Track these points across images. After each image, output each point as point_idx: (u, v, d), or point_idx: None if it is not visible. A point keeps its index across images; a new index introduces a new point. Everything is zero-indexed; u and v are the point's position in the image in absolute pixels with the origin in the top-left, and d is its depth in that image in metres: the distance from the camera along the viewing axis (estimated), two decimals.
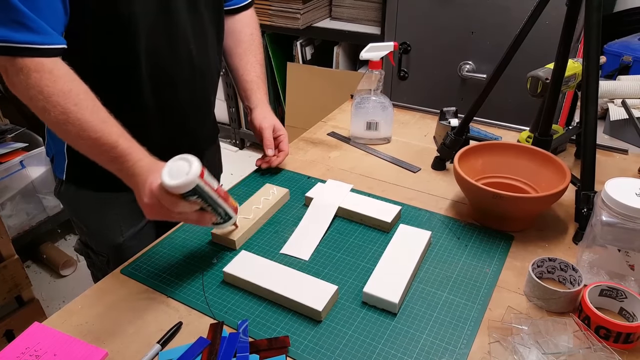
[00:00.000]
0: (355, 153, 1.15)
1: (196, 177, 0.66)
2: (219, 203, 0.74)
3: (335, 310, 0.72)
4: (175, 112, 0.96)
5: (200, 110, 1.03)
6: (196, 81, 0.96)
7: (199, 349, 0.65)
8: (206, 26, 0.94)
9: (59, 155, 0.94)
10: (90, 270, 1.12)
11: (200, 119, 1.04)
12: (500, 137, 1.18)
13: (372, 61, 1.11)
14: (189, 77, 0.94)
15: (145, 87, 0.88)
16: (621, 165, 1.06)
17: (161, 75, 0.89)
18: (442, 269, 0.79)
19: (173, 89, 0.92)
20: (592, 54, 0.78)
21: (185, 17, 0.88)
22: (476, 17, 1.70)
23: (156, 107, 0.91)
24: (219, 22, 0.99)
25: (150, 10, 0.81)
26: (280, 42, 2.39)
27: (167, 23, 0.85)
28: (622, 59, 1.52)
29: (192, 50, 0.91)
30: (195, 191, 0.68)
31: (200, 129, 1.05)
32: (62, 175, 0.95)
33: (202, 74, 0.96)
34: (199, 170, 0.67)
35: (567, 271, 0.73)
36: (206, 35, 0.95)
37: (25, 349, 0.66)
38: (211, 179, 0.71)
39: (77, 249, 1.10)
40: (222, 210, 0.76)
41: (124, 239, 0.98)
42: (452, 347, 0.66)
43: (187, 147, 0.82)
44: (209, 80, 1.01)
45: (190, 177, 0.66)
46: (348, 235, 0.88)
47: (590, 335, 0.64)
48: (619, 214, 0.68)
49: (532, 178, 0.91)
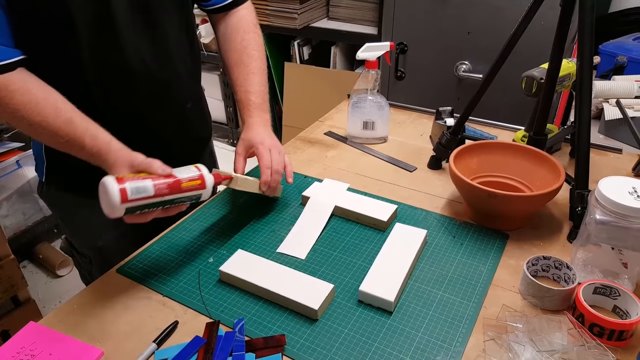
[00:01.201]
0: (351, 152, 1.15)
1: (117, 207, 0.66)
2: (172, 199, 0.72)
3: (331, 309, 0.72)
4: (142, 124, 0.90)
5: (174, 121, 0.96)
6: (159, 92, 0.90)
7: (195, 347, 0.65)
8: (166, 30, 0.87)
9: (38, 157, 0.94)
10: (77, 269, 1.12)
11: (177, 128, 0.98)
12: (496, 136, 1.18)
13: (368, 61, 1.11)
14: (148, 89, 0.87)
15: (99, 101, 0.83)
16: (615, 164, 1.07)
17: (114, 88, 0.84)
18: (437, 268, 0.79)
19: (130, 103, 0.87)
20: (586, 54, 0.79)
21: (131, 24, 0.81)
22: (473, 17, 1.71)
23: (117, 121, 0.82)
24: (187, 24, 0.91)
25: (88, 15, 0.76)
26: (278, 42, 2.39)
27: (107, 27, 0.79)
28: (616, 59, 1.53)
29: (146, 58, 0.85)
30: (132, 210, 0.69)
31: (180, 138, 0.99)
32: (42, 176, 0.96)
33: (166, 83, 0.90)
34: (117, 201, 0.66)
35: (561, 269, 0.74)
36: (167, 41, 0.87)
37: (21, 348, 0.66)
38: (142, 185, 0.68)
39: (63, 248, 1.11)
40: (182, 199, 0.74)
41: (103, 242, 0.98)
42: (447, 345, 0.66)
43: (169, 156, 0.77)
44: (177, 89, 0.94)
45: (112, 211, 0.67)
46: (344, 234, 0.88)
47: (584, 333, 0.64)
48: (612, 212, 0.68)
49: (527, 177, 0.92)
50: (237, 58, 0.95)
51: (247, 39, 0.96)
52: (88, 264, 1.02)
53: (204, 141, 1.11)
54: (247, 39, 0.96)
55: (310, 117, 1.39)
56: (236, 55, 0.95)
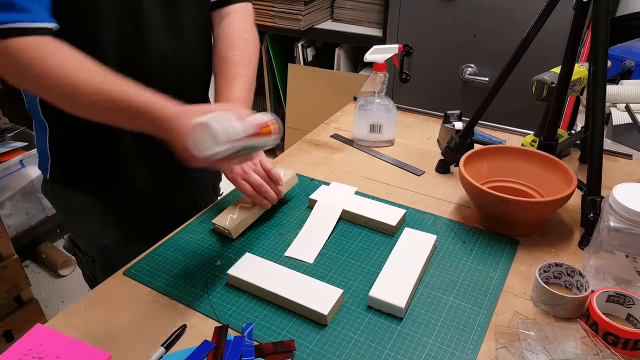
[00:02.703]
0: (358, 155, 1.15)
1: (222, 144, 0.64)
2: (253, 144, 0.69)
3: (340, 314, 0.71)
4: None
5: None
6: (171, 84, 0.87)
7: (204, 352, 0.64)
8: (187, 26, 0.88)
9: (43, 154, 0.93)
10: (80, 269, 1.11)
11: None
12: (504, 140, 1.17)
13: (376, 63, 1.10)
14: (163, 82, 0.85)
15: None
16: (626, 170, 1.06)
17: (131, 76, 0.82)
18: (447, 274, 0.79)
19: None
20: (600, 59, 0.78)
21: (159, 18, 0.83)
22: (478, 20, 1.70)
23: None
24: (205, 21, 0.92)
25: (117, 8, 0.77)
26: (282, 43, 2.39)
27: (136, 23, 0.80)
28: (624, 63, 1.52)
29: (167, 50, 0.86)
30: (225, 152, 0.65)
31: None
32: (46, 174, 0.94)
33: (180, 76, 0.90)
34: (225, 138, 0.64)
35: (574, 277, 0.73)
36: (184, 38, 0.88)
37: (28, 350, 0.65)
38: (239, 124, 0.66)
39: (66, 247, 1.09)
40: (260, 145, 0.71)
41: (107, 241, 0.96)
42: (458, 352, 0.65)
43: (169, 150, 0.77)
44: (190, 83, 0.94)
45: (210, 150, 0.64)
46: (352, 238, 0.87)
47: (597, 342, 0.63)
48: (626, 219, 0.68)
49: (537, 182, 0.91)
50: (219, 66, 0.92)
51: (229, 44, 0.92)
52: (91, 263, 1.01)
53: None
54: (229, 44, 0.92)
55: (313, 119, 1.38)
56: (218, 64, 0.92)
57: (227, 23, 0.95)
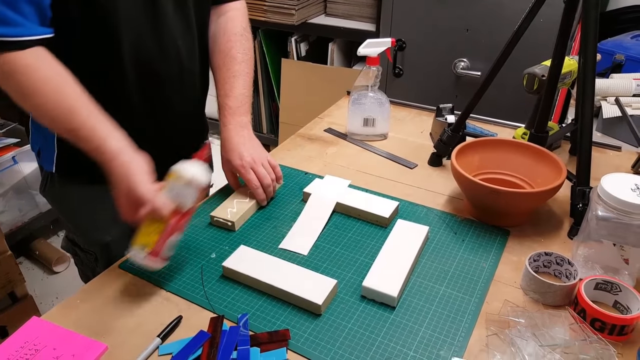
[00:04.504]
0: (352, 149, 1.16)
1: None
2: None
3: (334, 304, 0.72)
4: (163, 110, 0.92)
5: (190, 109, 0.99)
6: (184, 80, 0.92)
7: (199, 342, 0.65)
8: (193, 23, 0.90)
9: (48, 146, 0.91)
10: (77, 267, 1.09)
11: (191, 118, 1.01)
12: (496, 133, 1.19)
13: (369, 57, 1.11)
14: (177, 76, 0.90)
15: (129, 84, 0.85)
16: (615, 162, 1.08)
17: (147, 72, 0.86)
18: (439, 264, 0.80)
19: (160, 87, 0.89)
20: (590, 52, 0.79)
21: (172, 12, 0.85)
22: (471, 14, 1.71)
23: (142, 105, 0.88)
24: (204, 20, 0.94)
25: (135, 2, 0.79)
26: (275, 38, 2.38)
27: (153, 17, 0.82)
28: (614, 57, 1.54)
29: (180, 47, 0.88)
30: None
31: (191, 128, 1.02)
32: (51, 167, 0.93)
33: (190, 72, 0.93)
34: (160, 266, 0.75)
35: (562, 265, 0.75)
36: (193, 33, 0.91)
37: (25, 342, 0.66)
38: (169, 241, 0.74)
39: (64, 247, 1.08)
40: None
41: (111, 237, 0.96)
42: (450, 339, 0.67)
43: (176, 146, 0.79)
44: (198, 79, 0.97)
45: None
46: (346, 230, 0.88)
47: (585, 328, 0.65)
48: (614, 208, 0.69)
49: (528, 174, 0.92)
50: (220, 61, 0.95)
51: (233, 40, 0.96)
52: (93, 262, 1.01)
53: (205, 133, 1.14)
54: (232, 40, 0.96)
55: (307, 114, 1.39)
56: (220, 58, 0.95)
57: (229, 19, 0.97)
